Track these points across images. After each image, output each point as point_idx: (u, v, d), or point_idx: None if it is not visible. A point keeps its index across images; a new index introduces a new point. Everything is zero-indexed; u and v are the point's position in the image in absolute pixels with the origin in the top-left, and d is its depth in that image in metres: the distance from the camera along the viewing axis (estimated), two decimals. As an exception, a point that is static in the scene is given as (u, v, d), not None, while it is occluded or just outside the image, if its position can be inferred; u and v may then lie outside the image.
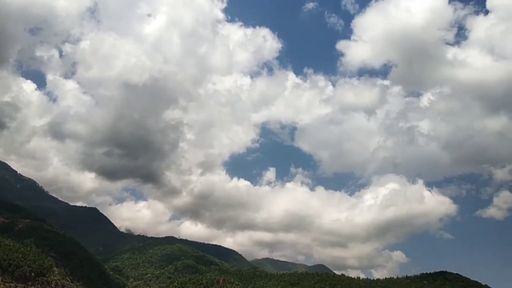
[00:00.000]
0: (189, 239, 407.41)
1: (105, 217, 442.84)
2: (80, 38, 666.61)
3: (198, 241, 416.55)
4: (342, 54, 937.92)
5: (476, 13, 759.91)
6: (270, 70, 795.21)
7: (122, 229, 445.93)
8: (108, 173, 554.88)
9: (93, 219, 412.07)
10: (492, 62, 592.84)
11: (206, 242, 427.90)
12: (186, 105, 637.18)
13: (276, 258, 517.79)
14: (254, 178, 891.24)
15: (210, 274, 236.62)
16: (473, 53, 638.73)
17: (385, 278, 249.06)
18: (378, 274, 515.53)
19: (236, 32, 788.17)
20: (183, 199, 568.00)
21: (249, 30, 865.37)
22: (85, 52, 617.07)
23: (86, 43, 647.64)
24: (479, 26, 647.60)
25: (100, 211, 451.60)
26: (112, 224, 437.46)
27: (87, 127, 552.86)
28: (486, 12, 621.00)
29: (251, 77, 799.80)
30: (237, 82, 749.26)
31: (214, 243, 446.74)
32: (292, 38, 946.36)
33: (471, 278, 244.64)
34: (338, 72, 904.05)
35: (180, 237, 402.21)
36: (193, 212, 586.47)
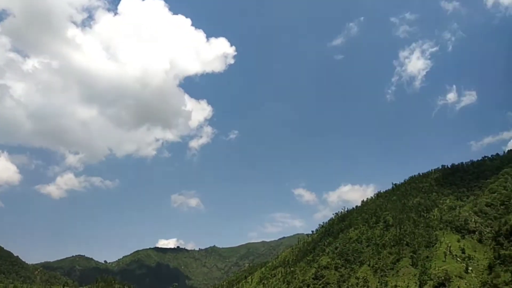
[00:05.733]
0: None
1: None
2: None
3: None
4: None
5: (109, 10, 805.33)
6: None
7: None
8: None
9: None
10: (105, 59, 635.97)
11: None
12: None
13: None
14: None
15: None
16: (93, 43, 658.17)
17: None
18: None
19: None
20: None
21: None
22: None
23: None
24: (105, 22, 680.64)
25: None
26: None
27: None
28: (116, 13, 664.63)
29: None
30: None
31: None
32: None
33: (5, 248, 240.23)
34: None
35: None
36: None
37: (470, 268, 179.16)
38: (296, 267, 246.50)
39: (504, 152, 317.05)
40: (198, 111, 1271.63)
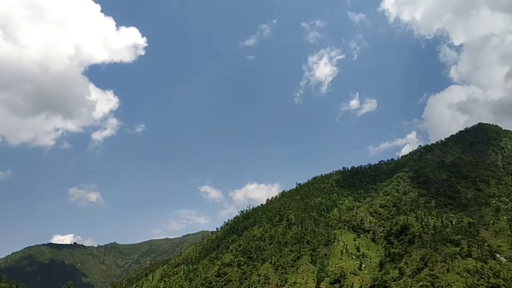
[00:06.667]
0: None
1: None
2: None
3: None
4: None
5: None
6: None
7: None
8: None
9: None
10: (1, 39, 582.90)
11: None
12: None
13: None
14: None
15: None
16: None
17: None
18: None
19: None
20: None
21: None
22: None
23: None
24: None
25: None
26: None
27: None
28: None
29: None
30: None
31: None
32: None
33: None
34: None
35: None
36: None
37: (363, 265, 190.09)
38: (199, 264, 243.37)
39: (398, 157, 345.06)
40: (103, 101, 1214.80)
